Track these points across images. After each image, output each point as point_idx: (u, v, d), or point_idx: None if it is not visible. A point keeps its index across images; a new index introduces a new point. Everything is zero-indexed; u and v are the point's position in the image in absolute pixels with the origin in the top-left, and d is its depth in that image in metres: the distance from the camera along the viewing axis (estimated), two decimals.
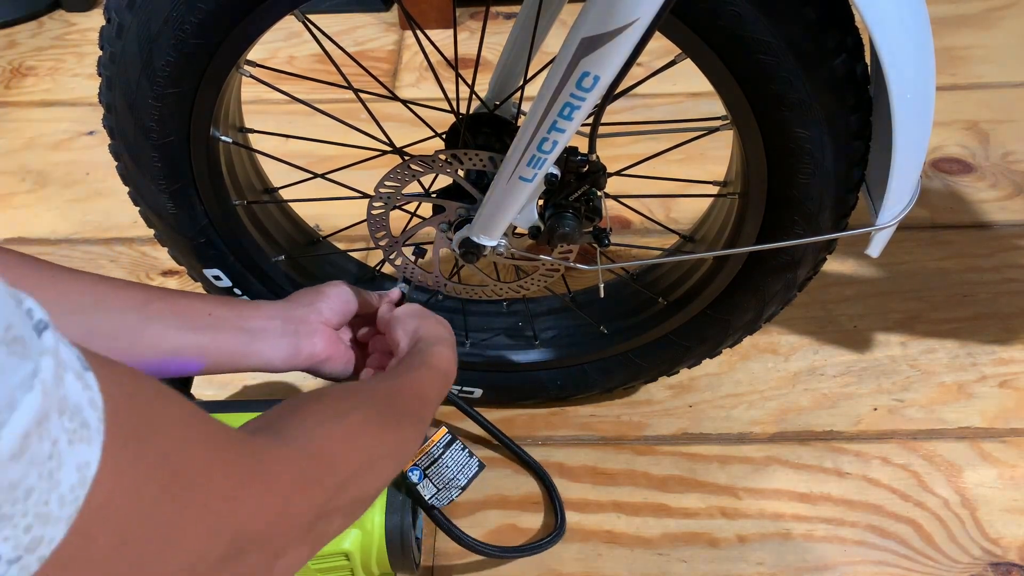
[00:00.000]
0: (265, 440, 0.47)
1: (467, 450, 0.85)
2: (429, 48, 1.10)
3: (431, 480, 0.83)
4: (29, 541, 0.28)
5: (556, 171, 0.75)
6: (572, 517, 0.97)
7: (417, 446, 0.66)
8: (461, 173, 0.81)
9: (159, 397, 0.37)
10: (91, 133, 1.51)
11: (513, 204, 0.76)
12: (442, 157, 0.78)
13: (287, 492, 0.45)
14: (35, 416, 0.28)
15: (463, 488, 0.84)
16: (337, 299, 0.78)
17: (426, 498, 0.82)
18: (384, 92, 0.88)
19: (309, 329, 0.75)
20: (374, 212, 0.84)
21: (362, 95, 0.84)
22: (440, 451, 0.83)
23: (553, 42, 0.76)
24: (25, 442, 0.27)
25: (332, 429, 0.54)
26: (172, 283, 1.23)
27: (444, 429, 0.85)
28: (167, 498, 0.35)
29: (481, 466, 0.85)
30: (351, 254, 1.06)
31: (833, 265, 1.23)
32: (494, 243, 0.81)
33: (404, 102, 0.84)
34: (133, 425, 0.33)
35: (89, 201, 1.38)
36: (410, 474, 0.82)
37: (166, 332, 0.68)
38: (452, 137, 0.84)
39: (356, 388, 0.66)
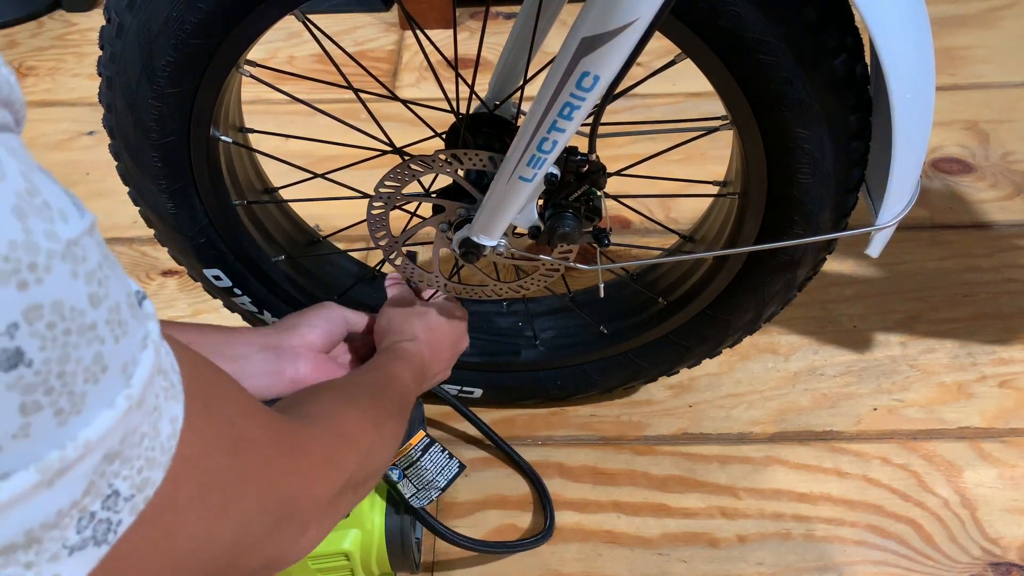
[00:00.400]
0: (296, 420, 0.50)
1: (447, 452, 0.86)
2: (429, 48, 1.10)
3: (410, 480, 0.84)
4: (140, 482, 0.32)
5: (556, 171, 0.75)
6: (572, 517, 0.97)
7: (401, 438, 0.69)
8: (461, 173, 0.81)
9: (217, 371, 0.41)
10: (91, 133, 1.51)
11: (513, 204, 0.76)
12: (442, 157, 0.78)
13: (319, 467, 0.49)
14: (150, 371, 0.32)
15: (442, 489, 0.85)
16: (322, 321, 0.79)
17: (406, 496, 0.83)
18: (384, 92, 0.88)
19: (292, 354, 0.75)
20: (374, 212, 0.84)
21: (362, 95, 0.84)
22: (419, 454, 0.84)
23: (553, 42, 0.76)
24: (144, 393, 0.31)
25: (348, 412, 0.58)
26: (172, 283, 1.23)
27: (422, 433, 0.86)
28: (232, 459, 0.39)
29: (462, 467, 0.86)
30: (351, 254, 1.06)
31: (833, 265, 1.23)
32: (494, 243, 0.81)
33: (404, 102, 0.84)
34: (203, 391, 0.37)
35: (89, 201, 1.38)
36: (390, 473, 0.83)
37: None
38: (452, 137, 0.84)
39: (352, 379, 0.69)
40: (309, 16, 0.77)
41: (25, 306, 0.27)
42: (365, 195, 0.86)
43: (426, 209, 0.85)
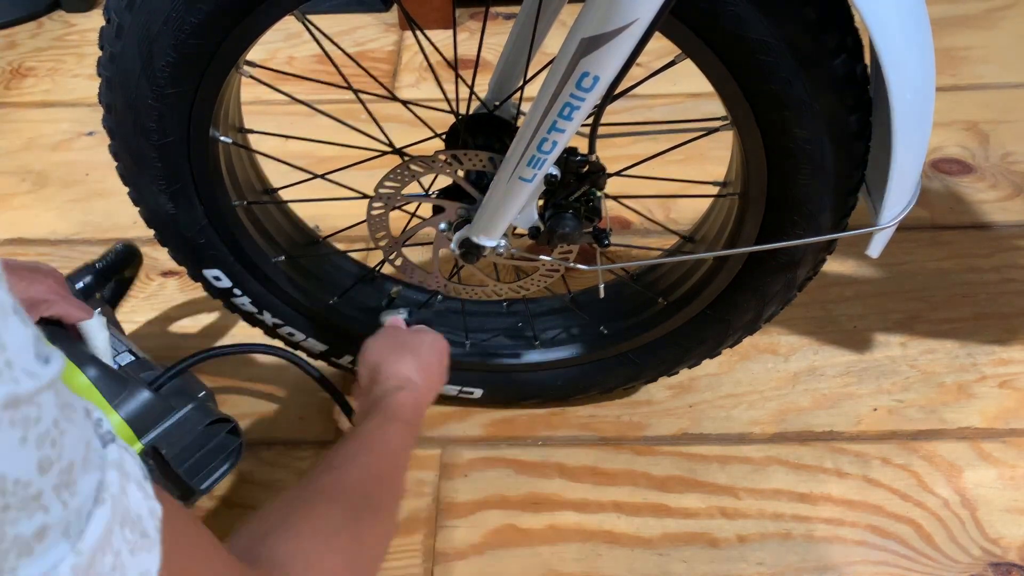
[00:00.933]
0: (263, 572, 0.48)
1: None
2: (429, 49, 1.10)
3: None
4: None
5: (556, 171, 0.75)
6: (572, 517, 0.97)
7: (397, 516, 0.66)
8: (461, 173, 0.81)
9: (200, 532, 0.39)
10: (91, 133, 1.51)
11: (513, 204, 0.76)
12: (442, 158, 0.78)
13: None
14: (104, 528, 0.29)
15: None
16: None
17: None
18: (384, 92, 0.88)
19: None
20: (374, 212, 0.84)
21: (362, 96, 0.84)
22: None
23: (553, 42, 0.76)
24: (94, 555, 0.29)
25: (323, 551, 0.55)
26: (172, 283, 1.23)
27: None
28: None
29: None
30: (351, 255, 1.06)
31: (833, 265, 1.23)
32: (494, 243, 0.81)
33: (404, 102, 0.84)
34: (180, 538, 0.34)
35: (89, 201, 1.38)
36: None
37: None
38: (452, 138, 0.84)
39: (334, 482, 0.64)
40: (309, 16, 0.77)
41: None
42: (365, 196, 0.86)
43: (426, 210, 0.85)
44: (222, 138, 0.84)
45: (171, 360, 0.96)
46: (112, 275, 0.91)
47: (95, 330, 0.83)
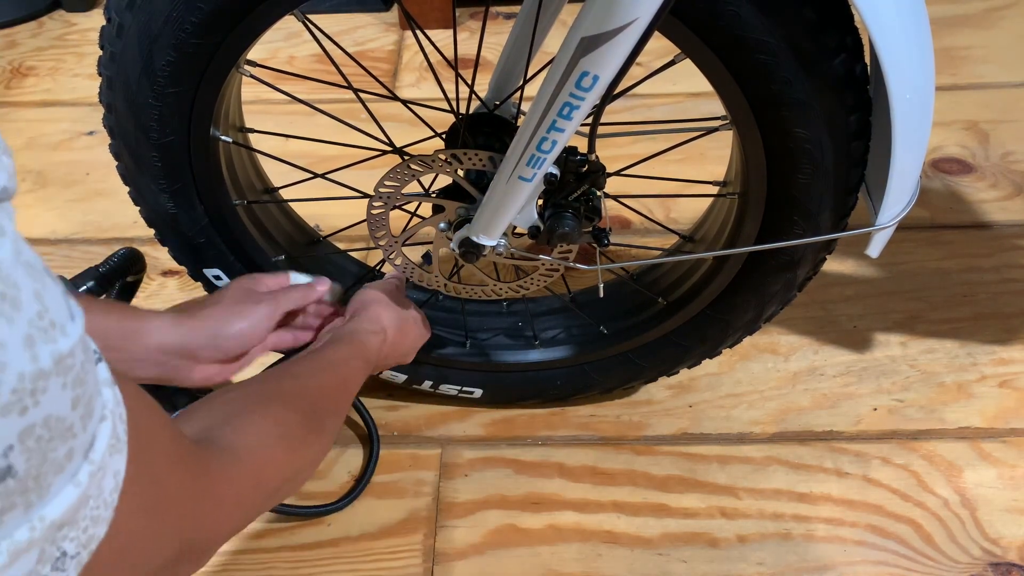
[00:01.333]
0: (215, 457, 0.52)
1: None
2: (429, 48, 1.10)
3: None
4: (86, 539, 0.34)
5: (556, 171, 0.75)
6: (572, 517, 0.97)
7: (333, 436, 0.69)
8: (460, 173, 0.81)
9: (149, 410, 0.41)
10: (91, 133, 1.51)
11: (513, 204, 0.76)
12: (442, 157, 0.78)
13: (229, 510, 0.51)
14: (107, 441, 0.34)
15: None
16: (235, 340, 0.76)
17: None
18: (384, 92, 0.88)
19: (187, 365, 0.74)
20: (374, 212, 0.84)
21: (362, 95, 0.84)
22: None
23: (553, 42, 0.76)
24: (101, 463, 0.33)
25: (273, 449, 0.58)
26: (172, 283, 1.23)
27: None
28: (152, 518, 0.40)
29: None
30: (351, 254, 1.06)
31: (833, 265, 1.23)
32: (493, 243, 0.81)
33: (404, 102, 0.84)
34: (139, 441, 0.37)
35: (89, 201, 1.38)
36: None
37: None
38: (452, 137, 0.84)
39: (293, 388, 0.67)
40: (309, 16, 0.77)
41: (22, 428, 0.29)
42: (365, 195, 0.86)
43: (426, 209, 0.85)
44: (222, 137, 0.84)
45: None
46: (115, 279, 0.91)
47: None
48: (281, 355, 0.91)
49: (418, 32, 0.94)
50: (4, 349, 0.28)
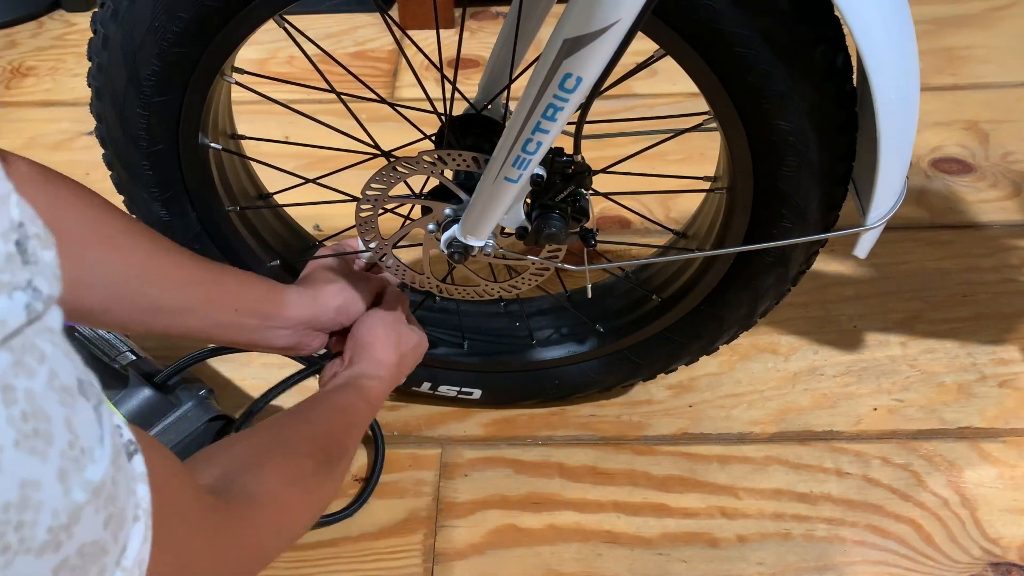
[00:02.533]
0: (236, 506, 0.53)
1: None
2: (413, 50, 1.10)
3: None
4: None
5: (542, 172, 0.75)
6: (572, 517, 0.97)
7: (341, 479, 0.72)
8: (448, 174, 0.80)
9: (176, 478, 0.42)
10: (91, 133, 1.49)
11: (499, 205, 0.76)
12: (427, 159, 0.78)
13: (251, 557, 0.53)
14: (141, 539, 0.34)
15: None
16: (352, 316, 0.83)
17: None
18: (371, 95, 0.88)
19: (313, 335, 0.81)
20: (363, 215, 0.84)
21: (354, 97, 0.84)
22: None
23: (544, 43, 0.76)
24: (134, 563, 0.33)
25: (292, 495, 0.61)
26: None
27: None
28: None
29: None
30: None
31: (833, 265, 1.23)
32: (482, 243, 0.81)
33: (392, 104, 0.84)
34: (166, 515, 0.37)
35: None
36: None
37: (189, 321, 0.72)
38: (442, 138, 0.84)
39: (307, 434, 0.70)
40: (306, 16, 0.77)
41: (56, 564, 0.28)
42: (354, 198, 0.86)
43: (418, 211, 0.85)
44: (212, 144, 0.84)
45: (171, 359, 0.96)
46: None
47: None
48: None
49: (397, 32, 0.94)
50: (38, 488, 0.27)
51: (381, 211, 0.84)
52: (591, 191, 0.80)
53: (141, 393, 0.86)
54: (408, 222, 0.85)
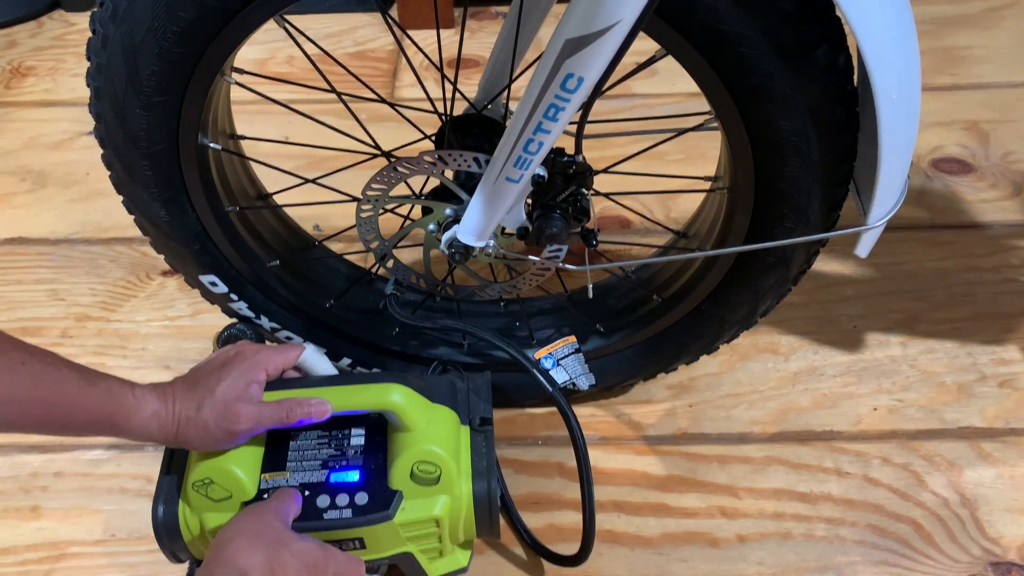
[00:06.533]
0: None
1: (585, 364, 0.98)
2: (414, 50, 1.10)
3: (565, 369, 0.96)
4: None
5: (543, 172, 0.75)
6: (572, 517, 0.97)
7: None
8: (448, 174, 0.80)
9: None
10: (91, 133, 1.50)
11: (500, 205, 0.76)
12: (428, 159, 0.78)
13: None
14: None
15: (585, 388, 0.98)
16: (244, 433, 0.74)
17: (560, 381, 0.95)
18: (371, 95, 0.88)
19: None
20: (363, 215, 0.84)
21: (354, 97, 0.84)
22: (569, 351, 0.96)
23: (546, 40, 0.76)
24: None
25: None
26: (172, 283, 1.23)
27: (573, 337, 0.94)
28: None
29: (593, 384, 0.97)
30: (350, 256, 1.06)
31: (833, 265, 1.23)
32: (482, 243, 0.81)
33: (392, 104, 0.84)
34: None
35: (89, 201, 1.38)
36: (543, 360, 0.93)
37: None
38: (442, 139, 0.84)
39: None
40: (305, 16, 0.77)
41: None
42: (355, 198, 0.86)
43: (419, 211, 0.85)
44: (211, 145, 0.84)
45: (174, 359, 0.95)
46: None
47: (313, 357, 0.82)
48: None
49: (400, 33, 0.94)
50: None
51: (381, 211, 0.84)
52: (592, 191, 0.80)
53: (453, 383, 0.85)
54: (408, 222, 0.85)
